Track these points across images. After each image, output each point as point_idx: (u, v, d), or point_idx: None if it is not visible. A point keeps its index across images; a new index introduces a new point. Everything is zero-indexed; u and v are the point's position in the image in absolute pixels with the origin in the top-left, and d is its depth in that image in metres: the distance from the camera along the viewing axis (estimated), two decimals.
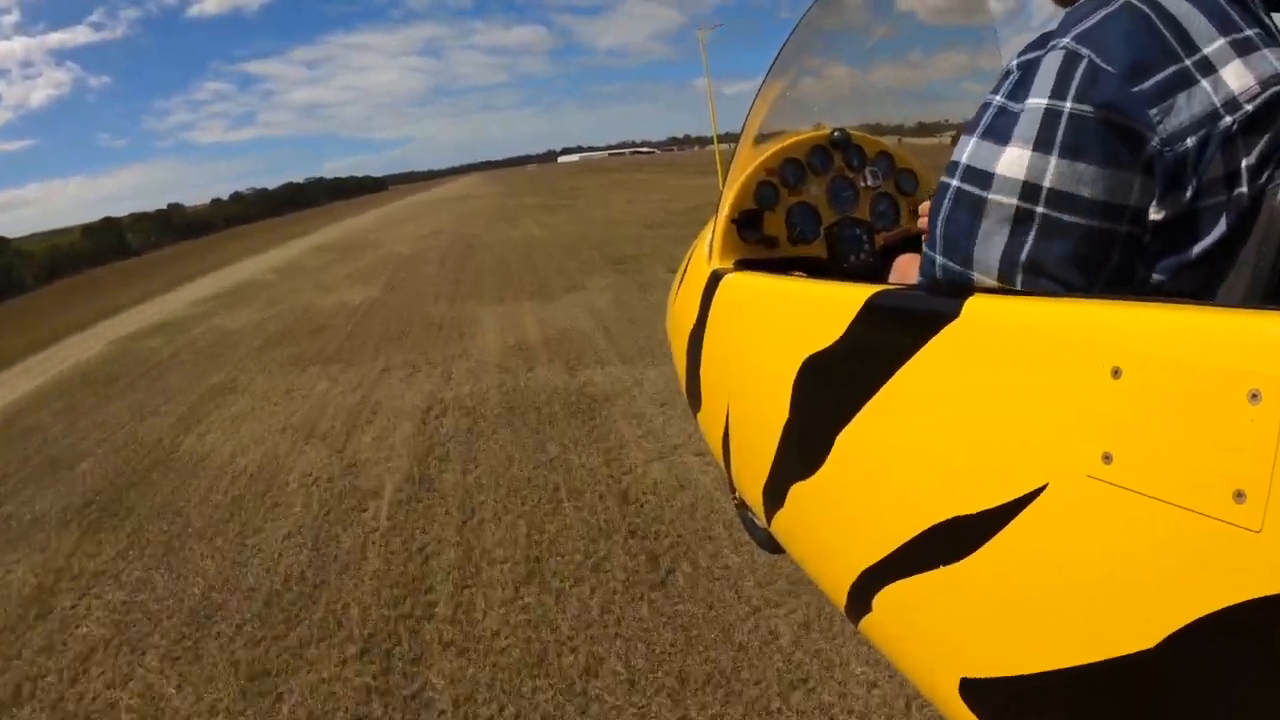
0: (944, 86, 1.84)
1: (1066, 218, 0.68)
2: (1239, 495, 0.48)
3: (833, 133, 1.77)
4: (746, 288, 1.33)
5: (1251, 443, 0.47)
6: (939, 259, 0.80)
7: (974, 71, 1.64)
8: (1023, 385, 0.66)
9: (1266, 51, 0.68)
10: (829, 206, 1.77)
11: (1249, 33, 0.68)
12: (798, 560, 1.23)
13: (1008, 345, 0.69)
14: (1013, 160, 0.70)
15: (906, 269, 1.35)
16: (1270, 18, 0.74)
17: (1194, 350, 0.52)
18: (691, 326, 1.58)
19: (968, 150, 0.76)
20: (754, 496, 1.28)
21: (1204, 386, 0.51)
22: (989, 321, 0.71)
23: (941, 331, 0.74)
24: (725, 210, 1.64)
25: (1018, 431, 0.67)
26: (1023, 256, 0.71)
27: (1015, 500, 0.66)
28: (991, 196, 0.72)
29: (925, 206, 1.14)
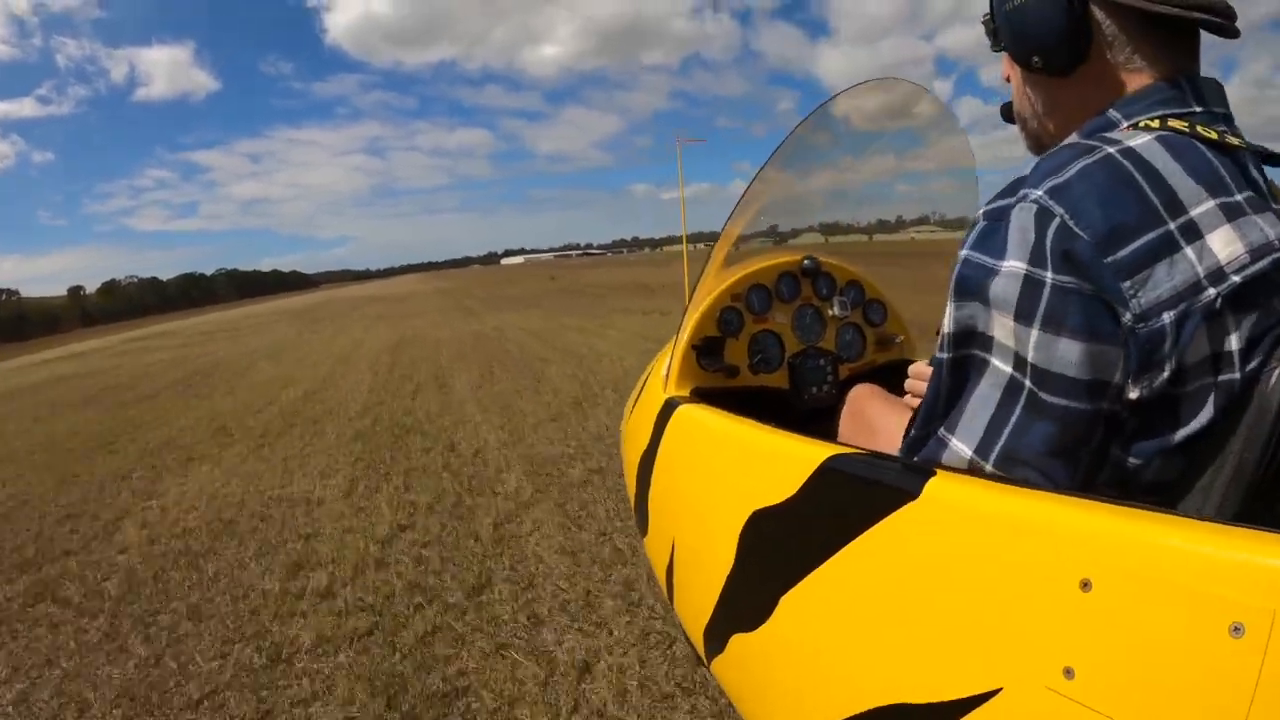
0: (915, 187, 1.86)
1: (1048, 397, 0.63)
2: None
3: (803, 260, 1.75)
4: (700, 424, 1.28)
5: (1232, 678, 0.44)
6: (914, 432, 0.75)
7: (948, 171, 1.65)
8: (983, 581, 0.62)
9: (1258, 218, 0.64)
10: (794, 335, 1.73)
11: (1239, 197, 0.64)
12: (738, 709, 1.16)
13: (969, 536, 0.64)
14: (996, 326, 0.65)
15: (859, 403, 1.30)
16: (1265, 177, 0.70)
17: (1173, 570, 0.48)
18: (643, 451, 1.51)
19: (949, 314, 0.70)
20: (695, 634, 1.22)
21: (1183, 612, 0.47)
22: (950, 507, 0.66)
23: (899, 510, 0.70)
24: (686, 335, 1.59)
25: (974, 628, 0.62)
26: (1005, 431, 0.65)
27: (967, 699, 0.61)
28: (993, 361, 0.67)
29: (918, 368, 1.09)
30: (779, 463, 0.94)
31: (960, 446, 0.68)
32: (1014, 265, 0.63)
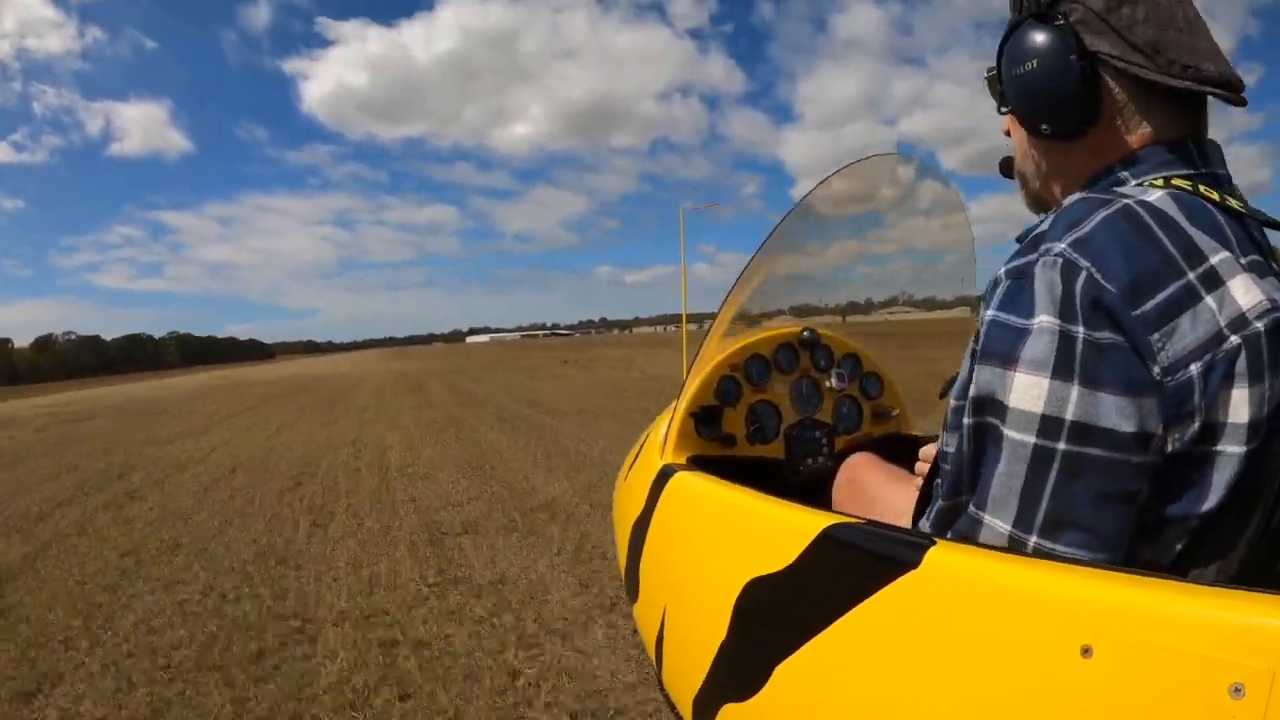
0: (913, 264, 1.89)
1: (1092, 451, 0.60)
2: None
3: (803, 332, 1.77)
4: (697, 491, 1.28)
5: None
6: (942, 502, 0.72)
7: (946, 247, 1.69)
8: (981, 650, 0.61)
9: (1266, 281, 0.64)
10: (791, 406, 1.74)
11: (1245, 259, 0.64)
12: None
13: (968, 605, 0.64)
14: (1027, 389, 0.61)
15: (855, 471, 1.28)
16: (1267, 241, 0.71)
17: (1172, 634, 0.49)
18: (637, 517, 1.50)
19: (973, 378, 0.67)
20: (684, 704, 1.19)
21: (1183, 675, 0.47)
22: (950, 577, 0.66)
23: (898, 580, 0.70)
24: (684, 403, 1.60)
25: (975, 698, 0.61)
26: (1044, 499, 0.61)
27: None
28: (1006, 431, 0.63)
29: (929, 450, 1.04)
30: (777, 530, 0.94)
31: (997, 524, 0.64)
32: (1046, 321, 0.61)
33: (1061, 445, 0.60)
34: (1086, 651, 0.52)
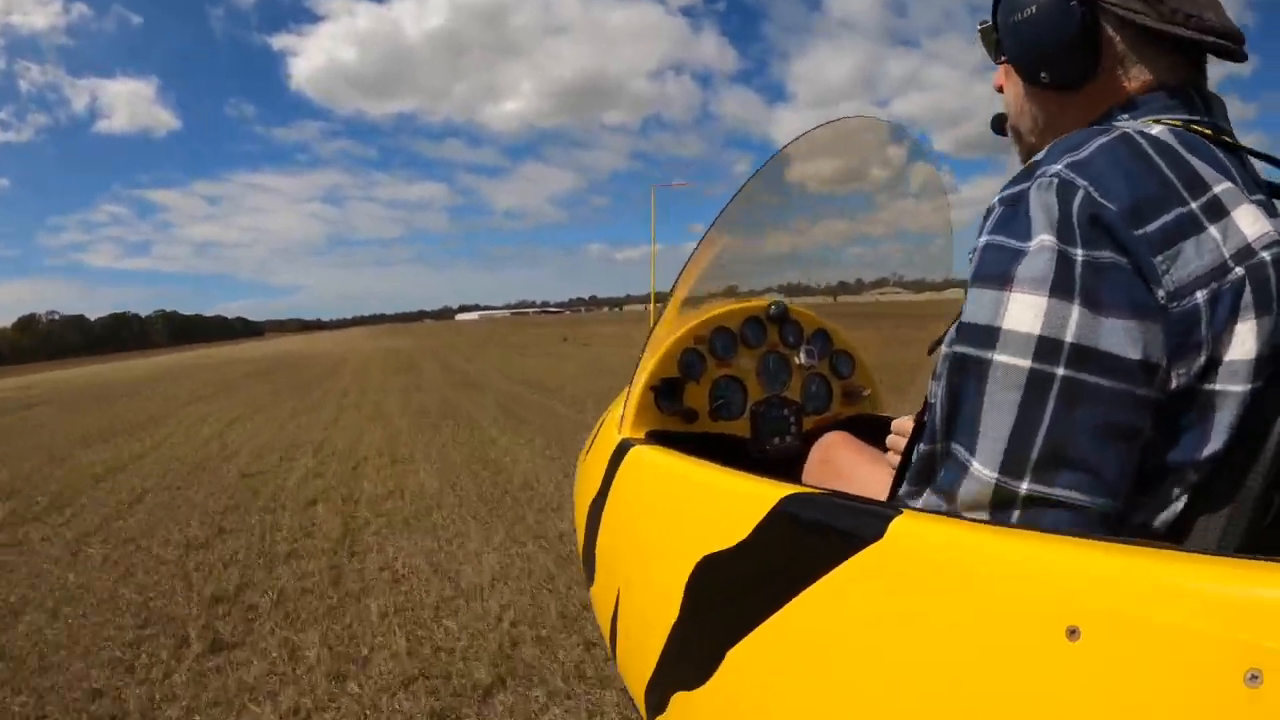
0: (886, 244, 1.83)
1: (1094, 379, 0.55)
2: None
3: (770, 305, 1.69)
4: (652, 464, 1.22)
5: None
6: (922, 446, 0.66)
7: (924, 233, 1.63)
8: (954, 632, 0.54)
9: (1275, 220, 0.61)
10: (758, 382, 1.67)
11: (1254, 197, 0.61)
12: None
13: (938, 582, 0.57)
14: (1023, 310, 0.57)
15: (830, 450, 1.23)
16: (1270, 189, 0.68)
17: (1174, 611, 0.42)
18: (594, 496, 1.43)
19: (964, 307, 0.63)
20: (637, 692, 1.14)
21: (1187, 660, 0.41)
22: (917, 549, 0.60)
23: (859, 553, 0.63)
24: (644, 376, 1.52)
25: (944, 686, 0.54)
26: (1040, 433, 0.56)
27: None
28: (997, 357, 0.58)
29: (902, 423, 0.99)
30: (730, 503, 0.88)
31: (984, 472, 0.58)
32: (1044, 239, 0.57)
33: (1060, 370, 0.55)
34: (1073, 633, 0.46)
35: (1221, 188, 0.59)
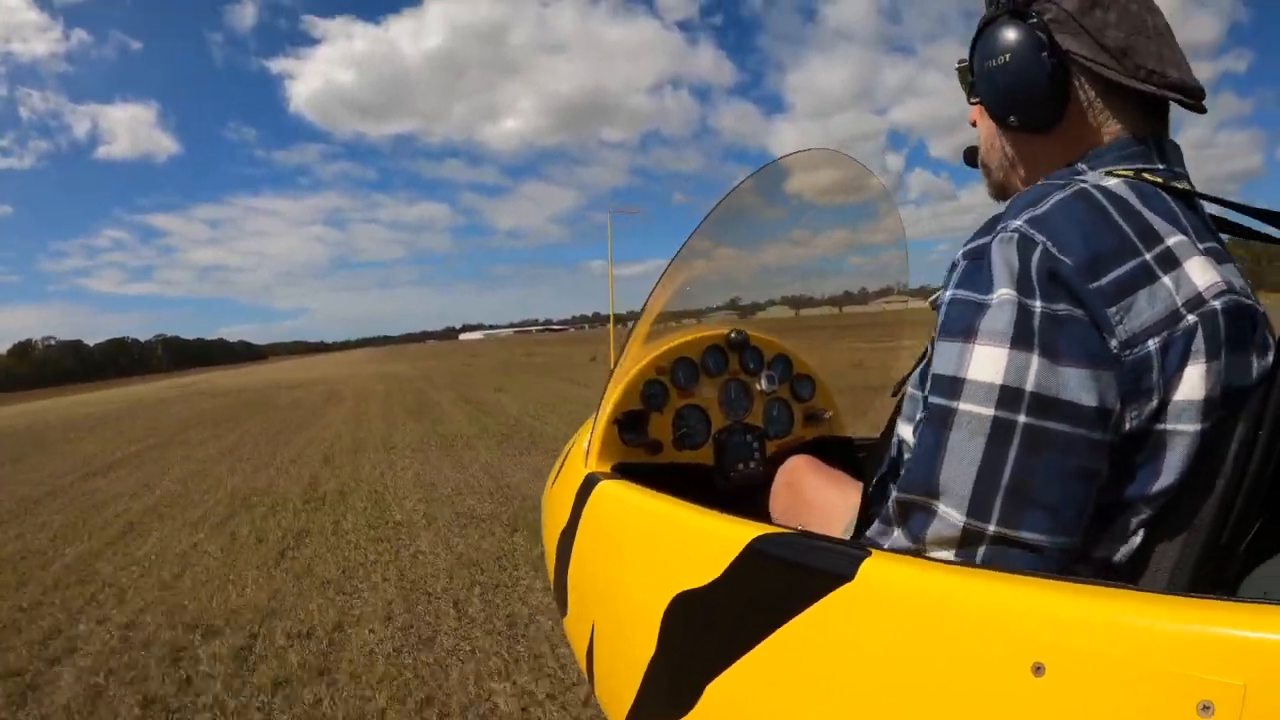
0: (848, 260, 1.88)
1: (1054, 426, 0.58)
2: None
3: (730, 333, 1.71)
4: (621, 501, 1.23)
5: None
6: (896, 494, 0.68)
7: (877, 244, 1.68)
8: (923, 670, 0.57)
9: (1224, 266, 0.65)
10: (720, 410, 1.69)
11: (1203, 245, 0.65)
12: None
13: (908, 621, 0.59)
14: (986, 362, 0.60)
15: (794, 474, 1.26)
16: (1222, 240, 0.72)
17: (1132, 648, 0.45)
18: (563, 528, 1.44)
19: (931, 359, 0.66)
20: None
21: (1145, 694, 0.44)
22: (887, 590, 0.62)
23: (831, 594, 0.65)
24: (608, 409, 1.53)
25: (916, 717, 0.57)
26: (1005, 477, 0.59)
27: None
28: (962, 406, 0.61)
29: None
30: (704, 541, 0.90)
31: (951, 514, 0.61)
32: (1004, 294, 0.61)
33: (1022, 418, 0.59)
34: (1038, 669, 0.48)
35: (1174, 240, 0.63)
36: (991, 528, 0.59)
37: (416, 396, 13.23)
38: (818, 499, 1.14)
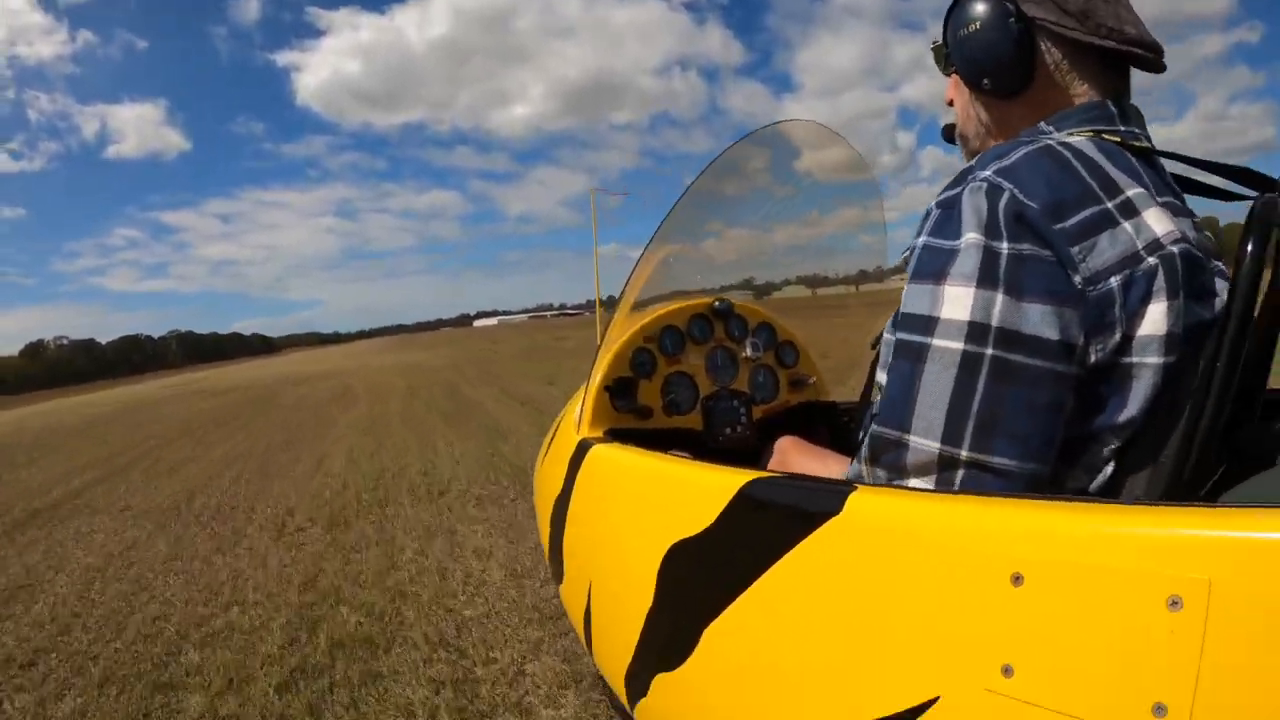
0: (835, 241, 1.90)
1: (1019, 358, 0.63)
2: (1159, 709, 0.45)
3: (715, 302, 1.75)
4: (614, 462, 1.26)
5: (1172, 653, 0.44)
6: (873, 428, 0.72)
7: (862, 225, 1.71)
8: (911, 590, 0.60)
9: (1181, 219, 0.69)
10: (707, 377, 1.73)
11: (1164, 199, 0.70)
12: None
13: (894, 548, 0.63)
14: (956, 299, 0.65)
15: (787, 455, 1.29)
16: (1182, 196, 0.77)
17: (1104, 553, 0.48)
18: (556, 496, 1.47)
19: (903, 298, 0.71)
20: (616, 680, 1.18)
21: (1117, 593, 0.47)
22: (873, 521, 0.66)
23: (821, 528, 0.68)
24: (598, 377, 1.57)
25: (906, 639, 0.60)
26: (974, 406, 0.64)
27: (902, 712, 0.59)
28: (935, 342, 0.66)
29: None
30: (695, 492, 0.92)
31: (926, 443, 0.66)
32: (971, 238, 0.65)
33: (989, 350, 0.63)
34: (1017, 579, 0.52)
35: (1133, 191, 0.67)
36: (964, 453, 0.64)
37: (449, 394, 10.54)
38: (809, 469, 1.17)
